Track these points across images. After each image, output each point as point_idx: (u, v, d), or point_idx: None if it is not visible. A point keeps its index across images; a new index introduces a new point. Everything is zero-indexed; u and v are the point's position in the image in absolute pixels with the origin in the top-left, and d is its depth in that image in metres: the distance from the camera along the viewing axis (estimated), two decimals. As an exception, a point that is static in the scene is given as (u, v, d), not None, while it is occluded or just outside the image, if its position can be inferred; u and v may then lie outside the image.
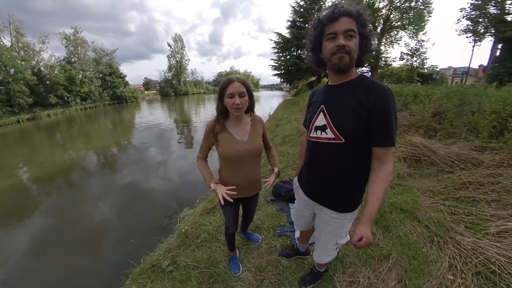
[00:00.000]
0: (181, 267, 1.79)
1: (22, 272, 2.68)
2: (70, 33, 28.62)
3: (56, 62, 26.41)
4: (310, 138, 1.06)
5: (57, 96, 23.71)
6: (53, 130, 14.50)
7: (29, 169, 6.85)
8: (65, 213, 4.08)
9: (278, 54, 18.43)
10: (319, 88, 1.13)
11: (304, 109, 6.93)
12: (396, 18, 17.32)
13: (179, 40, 49.11)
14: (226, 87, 1.15)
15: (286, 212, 2.47)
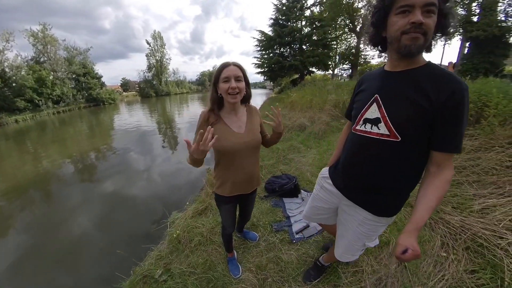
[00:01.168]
0: (176, 275, 1.64)
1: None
2: (38, 30, 26.22)
3: (23, 62, 24.20)
4: (356, 131, 0.92)
5: (26, 99, 21.72)
6: (22, 137, 13.23)
7: None
8: (41, 227, 3.66)
9: (261, 52, 18.37)
10: (371, 74, 0.95)
11: (289, 106, 6.94)
12: None
13: (159, 37, 47.27)
14: (221, 72, 1.06)
15: (281, 207, 2.41)
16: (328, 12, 17.02)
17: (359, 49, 18.36)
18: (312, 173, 3.18)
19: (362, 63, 19.11)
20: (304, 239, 1.87)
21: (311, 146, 4.45)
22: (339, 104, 6.35)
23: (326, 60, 17.02)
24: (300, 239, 1.87)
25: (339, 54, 19.70)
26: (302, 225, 2.03)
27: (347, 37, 19.83)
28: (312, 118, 6.12)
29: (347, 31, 19.24)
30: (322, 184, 1.19)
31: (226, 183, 1.24)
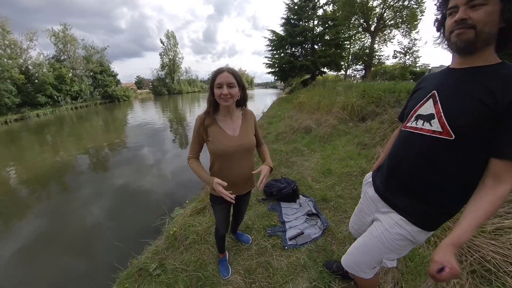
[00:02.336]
0: (168, 271, 1.73)
1: (10, 275, 2.61)
2: (59, 30, 27.71)
3: (44, 60, 25.56)
4: (406, 128, 0.87)
5: (47, 95, 22.95)
6: (42, 131, 14.05)
7: (17, 171, 6.62)
8: (54, 216, 3.96)
9: (272, 52, 18.30)
10: (434, 73, 0.92)
11: (298, 107, 6.90)
12: (389, 16, 17.56)
13: (172, 37, 48.32)
14: (215, 78, 1.12)
15: (277, 211, 2.42)
16: (341, 11, 16.70)
17: (373, 49, 17.94)
18: (313, 178, 3.15)
19: (376, 63, 18.61)
20: (296, 247, 1.87)
21: (315, 150, 4.41)
22: (347, 107, 6.23)
23: (339, 61, 16.74)
24: (293, 246, 1.88)
25: (352, 54, 19.28)
26: (296, 231, 2.04)
27: (360, 37, 19.41)
28: (319, 120, 6.05)
29: (361, 31, 18.84)
30: (365, 191, 1.12)
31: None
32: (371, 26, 17.71)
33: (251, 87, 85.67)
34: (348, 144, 4.40)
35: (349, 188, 2.74)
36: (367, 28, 17.87)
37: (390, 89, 5.89)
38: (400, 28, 17.83)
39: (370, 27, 17.75)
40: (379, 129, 4.38)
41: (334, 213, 2.28)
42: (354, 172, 3.09)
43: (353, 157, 3.69)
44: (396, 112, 4.52)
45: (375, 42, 18.42)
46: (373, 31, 17.70)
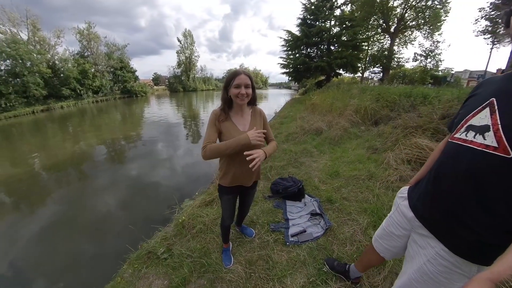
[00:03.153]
0: (175, 255, 1.86)
1: (30, 254, 2.86)
2: (84, 28, 29.33)
3: (70, 56, 27.14)
4: (453, 140, 0.76)
5: (70, 88, 24.41)
6: (65, 122, 14.98)
7: (41, 158, 7.16)
8: (72, 201, 4.29)
9: (287, 52, 18.28)
10: (493, 77, 0.80)
11: (310, 108, 6.89)
12: (411, 17, 16.86)
13: (189, 35, 49.37)
14: (233, 79, 1.22)
15: (282, 209, 2.49)
16: (360, 11, 16.27)
17: (392, 51, 17.36)
18: (320, 179, 3.17)
19: (395, 66, 17.99)
20: (298, 243, 1.92)
21: (324, 152, 4.41)
22: (360, 110, 6.14)
23: (355, 62, 16.38)
24: (294, 242, 1.94)
25: (370, 56, 18.77)
26: (298, 229, 2.10)
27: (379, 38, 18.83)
28: (331, 122, 6.02)
29: (380, 32, 18.27)
30: (398, 205, 1.02)
31: (228, 174, 1.38)
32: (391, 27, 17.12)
33: (265, 87, 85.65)
34: (359, 148, 4.36)
35: (355, 191, 2.75)
36: (387, 29, 17.29)
37: (406, 94, 5.74)
38: (422, 30, 17.06)
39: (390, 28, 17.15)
40: (392, 134, 4.29)
41: (338, 215, 2.31)
42: (362, 175, 3.08)
43: (363, 160, 3.66)
44: (411, 117, 4.41)
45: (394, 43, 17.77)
46: (393, 32, 17.08)
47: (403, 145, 3.53)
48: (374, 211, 2.23)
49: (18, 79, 19.18)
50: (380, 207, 2.29)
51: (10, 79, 18.87)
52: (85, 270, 2.54)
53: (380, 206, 2.31)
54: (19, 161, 6.98)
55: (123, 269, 1.87)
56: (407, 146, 3.49)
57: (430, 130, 3.85)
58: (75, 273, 2.51)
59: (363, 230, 2.01)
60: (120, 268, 1.90)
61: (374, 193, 2.59)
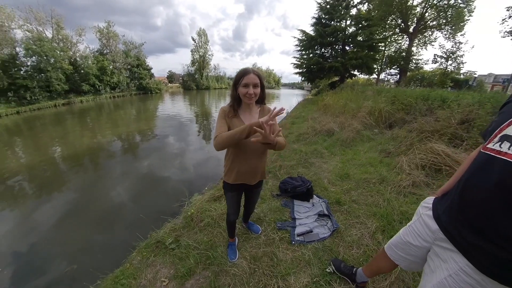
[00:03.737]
0: (182, 246, 1.93)
1: (48, 236, 3.09)
2: (103, 27, 30.55)
3: (90, 53, 28.37)
4: (486, 151, 0.72)
5: (90, 84, 25.58)
6: (84, 115, 15.72)
7: (61, 148, 7.60)
8: (88, 189, 4.54)
9: (301, 52, 18.08)
10: None
11: (322, 109, 6.82)
12: (431, 17, 15.98)
13: (203, 34, 49.98)
14: (242, 77, 1.22)
15: (289, 208, 2.49)
16: (377, 10, 15.71)
17: (410, 52, 16.67)
18: (329, 180, 3.14)
19: (413, 68, 17.30)
20: (303, 243, 1.92)
21: (335, 153, 4.35)
22: (374, 112, 5.99)
23: (371, 63, 15.87)
24: (300, 241, 1.94)
25: (386, 57, 18.18)
26: (305, 229, 2.09)
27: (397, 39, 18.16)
28: (343, 124, 5.92)
29: (397, 32, 17.60)
30: (420, 215, 0.97)
31: (232, 172, 1.39)
32: (409, 27, 16.36)
33: (277, 87, 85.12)
34: (371, 151, 4.26)
35: (365, 194, 2.69)
36: (405, 29, 16.54)
37: (423, 97, 5.54)
38: (443, 30, 16.13)
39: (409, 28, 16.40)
40: (406, 138, 4.16)
41: (346, 217, 2.28)
42: (373, 179, 3.01)
43: (374, 164, 3.58)
44: (427, 121, 4.25)
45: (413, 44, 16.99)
46: (412, 32, 16.31)
47: (418, 150, 3.41)
48: (383, 216, 2.18)
49: (43, 74, 20.33)
50: (390, 212, 2.23)
51: (35, 74, 20.02)
52: (98, 254, 2.71)
53: (391, 211, 2.25)
54: (41, 150, 7.44)
55: (132, 256, 1.95)
56: (422, 151, 3.37)
57: (448, 135, 3.70)
58: (88, 256, 2.68)
59: (371, 234, 1.97)
60: (130, 255, 1.99)
61: (384, 197, 2.52)
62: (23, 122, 13.77)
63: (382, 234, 1.96)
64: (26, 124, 13.03)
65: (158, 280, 1.67)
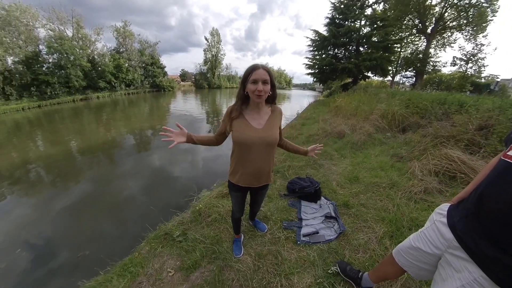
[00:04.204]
0: (189, 239, 1.99)
1: (62, 224, 3.32)
2: (120, 26, 31.67)
3: (107, 51, 29.49)
4: (506, 158, 0.70)
5: (106, 81, 26.69)
6: (100, 110, 16.39)
7: (77, 141, 7.99)
8: (101, 181, 4.78)
9: (313, 52, 17.89)
10: None
11: (334, 111, 6.75)
12: (451, 17, 15.16)
13: (216, 34, 50.50)
14: (251, 73, 1.15)
15: (296, 208, 2.49)
16: (393, 10, 15.17)
17: (428, 54, 15.99)
18: (338, 182, 3.11)
19: (430, 71, 16.62)
20: (309, 244, 1.92)
21: (345, 156, 4.29)
22: (387, 115, 5.84)
23: (385, 65, 15.44)
24: (305, 242, 1.94)
25: (402, 59, 17.59)
26: (311, 230, 2.09)
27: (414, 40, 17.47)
28: (354, 126, 5.82)
29: (414, 33, 16.90)
30: (434, 221, 0.94)
31: (237, 172, 1.37)
32: (427, 27, 15.61)
33: (288, 87, 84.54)
34: (382, 155, 4.17)
35: (374, 198, 2.64)
36: (423, 30, 15.80)
37: (439, 100, 5.35)
38: (463, 31, 15.24)
39: (427, 28, 15.65)
40: (420, 143, 4.03)
41: (354, 220, 2.25)
42: (383, 183, 2.95)
43: (385, 168, 3.50)
44: (443, 126, 4.11)
45: (431, 46, 16.24)
46: (430, 33, 15.57)
47: (432, 155, 3.30)
48: (392, 221, 2.14)
49: (63, 70, 21.43)
50: (400, 217, 2.18)
51: (56, 71, 21.15)
52: (108, 242, 2.88)
53: (400, 216, 2.20)
54: (58, 142, 7.86)
55: (141, 246, 2.03)
56: (436, 156, 3.25)
57: (464, 141, 3.56)
58: (100, 244, 2.84)
59: (379, 239, 1.94)
60: (139, 245, 2.08)
61: (394, 202, 2.47)
62: (44, 115, 14.54)
63: (390, 240, 1.92)
64: (46, 117, 13.77)
65: (165, 270, 1.73)
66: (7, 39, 17.58)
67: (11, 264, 2.56)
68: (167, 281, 1.64)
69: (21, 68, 18.70)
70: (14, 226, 3.27)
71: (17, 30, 18.84)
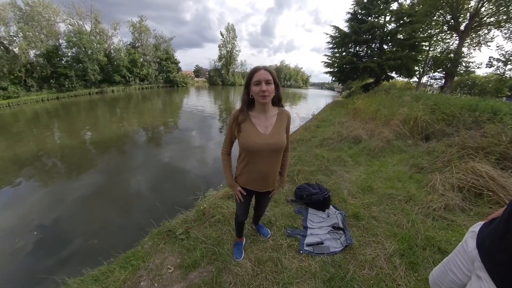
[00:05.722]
0: (191, 238, 2.08)
1: (72, 212, 3.66)
2: (136, 21, 33.12)
3: (123, 46, 30.91)
4: None
5: (121, 75, 28.02)
6: (114, 104, 17.25)
7: (91, 133, 8.55)
8: (112, 174, 5.13)
9: (333, 50, 17.53)
10: None
11: (352, 113, 6.63)
12: (489, 12, 13.91)
13: (232, 30, 51.07)
14: (253, 76, 1.19)
15: (303, 215, 2.49)
16: (422, 5, 14.29)
17: (460, 54, 14.98)
18: (350, 191, 3.04)
19: (462, 72, 15.61)
20: (312, 254, 1.92)
21: (360, 163, 4.20)
22: (410, 121, 5.63)
23: (411, 65, 14.70)
24: (308, 252, 1.94)
25: (430, 58, 16.73)
26: (316, 239, 2.08)
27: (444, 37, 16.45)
28: (373, 131, 5.67)
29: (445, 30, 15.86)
30: (465, 239, 0.92)
31: (242, 176, 1.43)
32: (460, 24, 14.48)
33: (305, 86, 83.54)
34: (401, 164, 4.04)
35: (387, 211, 2.56)
36: (455, 27, 14.67)
37: (469, 106, 5.09)
38: (502, 28, 13.96)
39: (460, 25, 14.52)
40: (444, 153, 3.83)
41: (362, 233, 2.19)
42: (398, 196, 2.84)
43: (403, 179, 3.38)
44: (472, 136, 3.89)
45: (464, 44, 15.15)
46: (463, 30, 14.45)
47: (457, 168, 3.11)
48: (405, 238, 2.04)
49: (80, 64, 22.81)
50: (414, 235, 2.08)
51: (74, 64, 22.56)
52: (114, 234, 3.12)
53: (414, 234, 2.10)
54: (74, 133, 8.50)
55: (144, 241, 2.15)
56: (461, 170, 3.06)
57: (495, 154, 3.33)
58: (106, 235, 3.08)
59: (388, 257, 1.87)
60: (142, 239, 2.20)
61: (409, 218, 2.36)
62: (61, 107, 15.58)
63: (400, 259, 1.85)
64: (64, 109, 14.73)
65: (165, 266, 1.82)
66: (30, 33, 18.99)
67: (28, 243, 2.94)
68: (166, 277, 1.73)
69: (42, 61, 20.18)
70: (31, 210, 3.68)
71: (40, 25, 20.36)
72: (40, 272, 2.35)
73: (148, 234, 2.26)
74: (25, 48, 18.34)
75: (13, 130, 9.13)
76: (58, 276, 1.81)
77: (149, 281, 1.70)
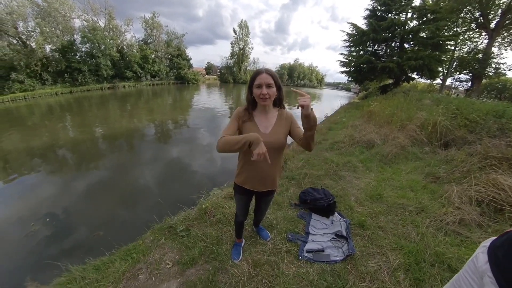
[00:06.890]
0: (191, 236, 2.18)
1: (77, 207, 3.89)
2: (149, 18, 34.00)
3: (135, 42, 31.93)
4: None
5: (132, 71, 28.97)
6: (125, 99, 17.91)
7: (103, 128, 8.96)
8: (120, 168, 5.41)
9: (350, 48, 17.20)
10: None
11: (366, 116, 6.51)
12: None
13: (245, 26, 51.23)
14: (255, 78, 1.27)
15: (305, 221, 2.50)
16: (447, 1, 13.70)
17: (489, 54, 14.23)
18: (357, 198, 2.99)
19: (492, 74, 14.82)
20: (311, 261, 1.93)
21: (371, 169, 4.13)
22: (428, 126, 5.46)
23: (434, 65, 14.03)
24: (307, 258, 1.95)
25: (456, 59, 16.01)
26: (316, 246, 2.09)
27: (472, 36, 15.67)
28: (387, 136, 5.55)
29: (473, 28, 15.10)
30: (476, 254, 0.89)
31: (242, 175, 1.49)
32: (490, 21, 13.74)
33: (320, 86, 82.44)
34: (415, 172, 3.93)
35: (396, 222, 2.48)
36: (484, 25, 13.93)
37: (496, 112, 4.88)
38: None
39: (490, 23, 13.77)
40: (464, 163, 3.68)
41: (366, 244, 2.15)
42: (409, 206, 2.75)
43: (416, 188, 3.28)
44: (496, 145, 3.73)
45: (494, 44, 14.39)
46: (494, 28, 13.69)
47: (476, 180, 2.96)
48: (412, 252, 1.97)
49: (94, 59, 23.85)
50: (422, 249, 2.00)
51: (88, 59, 23.61)
52: (117, 226, 3.33)
53: (422, 248, 2.02)
54: (85, 127, 8.95)
55: (146, 235, 2.26)
56: (482, 182, 2.91)
57: (522, 166, 3.19)
58: (110, 227, 3.28)
59: (392, 271, 1.82)
60: (144, 234, 2.31)
61: (419, 230, 2.27)
62: (74, 101, 16.37)
63: (405, 274, 1.79)
64: (76, 103, 15.48)
65: (163, 261, 1.92)
66: (47, 28, 20.09)
67: (42, 228, 3.25)
68: (164, 272, 1.83)
69: (57, 55, 21.29)
70: (43, 199, 4.04)
71: (56, 21, 21.49)
72: (46, 258, 2.52)
73: (150, 229, 2.38)
74: (41, 43, 19.41)
75: (28, 123, 9.72)
76: (62, 263, 1.94)
77: (147, 275, 1.80)
